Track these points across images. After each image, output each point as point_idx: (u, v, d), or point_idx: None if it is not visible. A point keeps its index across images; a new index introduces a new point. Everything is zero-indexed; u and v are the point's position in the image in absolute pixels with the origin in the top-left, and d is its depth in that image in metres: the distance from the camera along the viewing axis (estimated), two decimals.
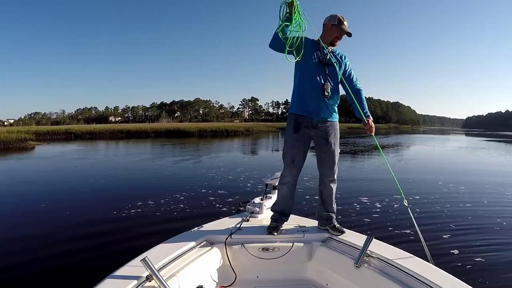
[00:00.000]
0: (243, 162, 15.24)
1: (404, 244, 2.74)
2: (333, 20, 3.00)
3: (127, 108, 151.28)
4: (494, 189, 9.04)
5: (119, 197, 8.05)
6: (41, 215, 6.57)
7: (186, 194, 8.02)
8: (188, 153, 19.83)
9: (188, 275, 2.45)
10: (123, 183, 10.12)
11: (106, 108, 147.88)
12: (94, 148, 24.14)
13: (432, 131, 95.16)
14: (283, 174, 3.13)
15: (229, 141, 33.01)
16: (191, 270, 2.50)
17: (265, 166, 13.67)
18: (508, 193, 8.51)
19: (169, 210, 6.66)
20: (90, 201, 7.74)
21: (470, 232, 5.51)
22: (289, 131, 3.05)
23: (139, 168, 13.09)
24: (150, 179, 10.52)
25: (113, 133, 40.99)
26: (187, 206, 6.97)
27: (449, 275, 2.22)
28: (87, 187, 9.37)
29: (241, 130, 49.18)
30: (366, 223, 5.79)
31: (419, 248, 4.27)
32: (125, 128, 44.19)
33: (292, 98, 3.11)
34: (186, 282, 2.40)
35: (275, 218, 3.15)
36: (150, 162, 15.37)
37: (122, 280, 2.09)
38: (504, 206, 7.15)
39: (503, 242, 5.07)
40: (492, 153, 21.99)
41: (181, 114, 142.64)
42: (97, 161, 15.73)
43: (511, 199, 7.86)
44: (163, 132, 42.25)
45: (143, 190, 8.75)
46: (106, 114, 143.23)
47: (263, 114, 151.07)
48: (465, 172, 12.39)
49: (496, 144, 33.81)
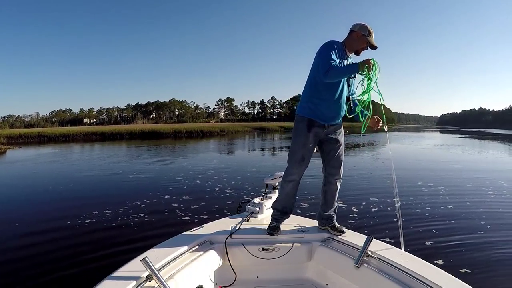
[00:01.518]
0: (232, 163, 15.52)
1: (404, 244, 2.84)
2: (364, 30, 2.95)
3: (102, 109, 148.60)
4: (474, 186, 9.24)
5: (119, 197, 8.02)
6: (41, 215, 6.63)
7: (186, 195, 8.09)
8: (174, 154, 20.05)
9: (188, 275, 2.47)
10: (122, 183, 10.13)
11: (81, 110, 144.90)
12: (72, 150, 23.90)
13: (407, 129, 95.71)
14: (289, 172, 3.08)
15: (205, 141, 32.99)
16: (191, 270, 2.52)
17: (252, 166, 13.94)
18: (490, 191, 8.59)
19: (169, 210, 6.71)
20: (90, 201, 7.73)
21: (446, 223, 5.83)
22: (301, 129, 2.99)
23: (136, 169, 13.03)
24: (149, 180, 10.52)
25: (87, 135, 40.38)
26: (187, 206, 7.01)
27: (449, 275, 2.23)
28: (86, 187, 9.45)
29: (216, 131, 49.39)
30: (366, 223, 5.80)
31: (419, 248, 4.61)
32: (99, 130, 43.64)
33: (308, 101, 3.00)
34: (186, 282, 2.42)
35: (276, 217, 3.13)
36: (136, 163, 15.34)
37: (122, 280, 2.11)
38: (488, 204, 7.26)
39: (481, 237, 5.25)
40: (469, 150, 22.10)
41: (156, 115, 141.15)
42: (93, 163, 15.79)
43: (493, 198, 7.93)
44: (137, 134, 41.93)
45: (143, 190, 8.78)
46: (81, 116, 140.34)
47: (239, 114, 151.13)
48: (443, 170, 12.44)
49: (471, 141, 34.40)
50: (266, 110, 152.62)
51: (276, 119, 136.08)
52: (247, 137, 41.15)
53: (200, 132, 46.69)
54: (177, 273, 2.41)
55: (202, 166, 13.68)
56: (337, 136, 3.09)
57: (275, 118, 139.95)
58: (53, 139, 37.09)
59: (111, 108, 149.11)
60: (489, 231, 5.49)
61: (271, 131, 61.68)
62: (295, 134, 3.06)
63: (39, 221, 6.25)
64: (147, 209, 6.81)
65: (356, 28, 2.98)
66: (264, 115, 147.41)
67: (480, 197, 7.96)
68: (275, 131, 62.09)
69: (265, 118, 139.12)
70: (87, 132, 41.82)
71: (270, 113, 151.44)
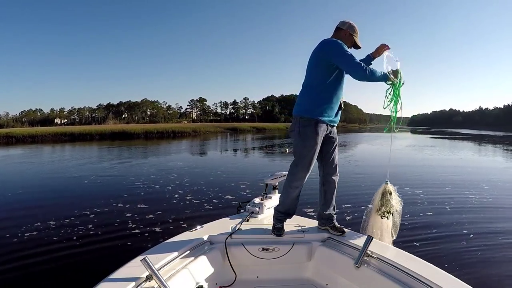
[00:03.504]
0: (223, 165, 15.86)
1: (404, 244, 3.16)
2: (352, 30, 3.03)
3: (73, 109, 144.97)
4: (474, 185, 9.44)
5: (118, 198, 8.02)
6: (40, 215, 6.64)
7: (186, 195, 8.18)
8: (158, 155, 20.39)
9: (188, 275, 2.48)
10: (121, 184, 10.09)
11: (52, 110, 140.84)
12: (42, 152, 23.86)
13: (379, 129, 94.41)
14: (297, 177, 3.02)
15: (177, 142, 33.08)
16: (191, 270, 2.53)
17: None
18: (491, 191, 8.75)
19: (169, 210, 6.78)
20: (90, 201, 7.73)
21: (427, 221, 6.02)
22: (310, 132, 2.94)
23: (130, 170, 13.04)
24: (148, 181, 10.46)
25: (56, 136, 39.43)
26: (187, 206, 7.10)
27: (449, 275, 2.24)
28: (84, 188, 9.53)
29: (188, 131, 49.16)
30: None
31: (419, 248, 4.64)
32: (68, 131, 42.56)
33: (313, 102, 2.98)
34: (186, 282, 2.43)
35: (280, 218, 3.11)
36: (127, 165, 15.10)
37: (122, 280, 2.12)
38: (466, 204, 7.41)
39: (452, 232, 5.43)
40: (442, 151, 22.29)
41: (128, 115, 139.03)
42: (93, 162, 16.05)
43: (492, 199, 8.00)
44: (107, 134, 41.29)
45: (143, 191, 8.84)
46: (52, 116, 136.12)
47: (211, 114, 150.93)
48: (444, 171, 12.52)
49: (441, 141, 34.96)
50: (239, 111, 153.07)
51: (249, 119, 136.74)
52: (219, 138, 41.28)
53: (171, 132, 46.39)
54: (177, 273, 2.43)
55: (202, 166, 13.82)
56: (335, 135, 3.16)
57: (248, 118, 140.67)
58: (22, 140, 36.33)
59: (82, 108, 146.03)
60: (489, 231, 5.57)
61: (243, 131, 62.14)
62: (304, 138, 2.97)
63: (39, 221, 6.23)
64: (147, 209, 6.89)
65: (345, 27, 3.03)
66: (237, 115, 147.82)
67: (480, 196, 8.16)
68: (247, 131, 62.62)
69: (237, 118, 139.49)
70: (56, 132, 40.88)
71: (243, 114, 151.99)
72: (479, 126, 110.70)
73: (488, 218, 6.49)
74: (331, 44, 2.92)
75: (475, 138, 43.24)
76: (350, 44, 3.03)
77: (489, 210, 7.07)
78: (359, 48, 3.11)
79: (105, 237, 5.33)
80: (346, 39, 3.01)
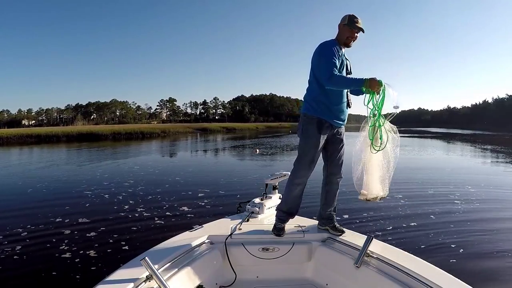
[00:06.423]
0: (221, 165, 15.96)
1: (404, 244, 3.20)
2: (344, 20, 2.96)
3: (41, 110, 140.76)
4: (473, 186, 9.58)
5: (118, 198, 8.07)
6: (40, 215, 6.70)
7: (185, 195, 8.26)
8: (129, 155, 20.35)
9: (188, 275, 2.48)
10: (120, 184, 10.02)
11: (19, 111, 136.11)
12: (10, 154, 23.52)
13: (349, 128, 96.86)
14: (299, 175, 3.03)
15: (147, 143, 32.96)
16: (191, 270, 2.52)
17: None
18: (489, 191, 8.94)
19: (169, 210, 6.84)
20: (90, 201, 7.82)
21: None
22: (312, 130, 2.96)
23: (126, 171, 12.98)
24: (147, 181, 10.47)
25: (21, 137, 38.22)
26: (187, 206, 7.14)
27: (449, 275, 2.24)
28: (84, 188, 9.50)
29: (157, 132, 48.89)
30: (366, 223, 5.84)
31: (419, 248, 4.66)
32: (34, 132, 41.35)
33: (316, 100, 2.98)
34: (186, 282, 2.44)
35: (282, 218, 3.10)
36: (122, 166, 14.92)
37: (122, 280, 2.11)
38: None
39: None
40: (415, 150, 22.58)
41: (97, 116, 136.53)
42: (93, 162, 15.86)
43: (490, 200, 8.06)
44: (75, 136, 40.61)
45: (142, 191, 8.87)
46: (19, 117, 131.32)
47: (181, 115, 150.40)
48: (446, 171, 12.73)
49: (410, 140, 35.20)
50: (209, 111, 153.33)
51: (219, 119, 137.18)
52: (189, 138, 41.12)
53: (140, 133, 45.94)
54: (177, 273, 2.42)
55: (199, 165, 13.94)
56: (342, 136, 3.13)
57: (218, 118, 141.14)
58: None
59: (50, 109, 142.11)
60: (490, 231, 5.59)
61: (213, 131, 62.14)
62: (306, 135, 3.00)
63: (39, 221, 6.29)
64: (147, 210, 6.94)
65: (340, 21, 3.00)
66: (207, 115, 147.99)
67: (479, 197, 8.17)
68: (217, 131, 62.66)
69: (207, 118, 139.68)
70: (22, 134, 39.76)
71: (213, 114, 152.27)
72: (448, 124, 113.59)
73: (475, 211, 6.84)
74: (321, 47, 2.96)
75: (445, 136, 43.66)
76: (349, 35, 2.96)
77: (473, 205, 7.33)
78: (363, 31, 3.00)
79: (105, 237, 5.39)
80: (343, 32, 2.99)
